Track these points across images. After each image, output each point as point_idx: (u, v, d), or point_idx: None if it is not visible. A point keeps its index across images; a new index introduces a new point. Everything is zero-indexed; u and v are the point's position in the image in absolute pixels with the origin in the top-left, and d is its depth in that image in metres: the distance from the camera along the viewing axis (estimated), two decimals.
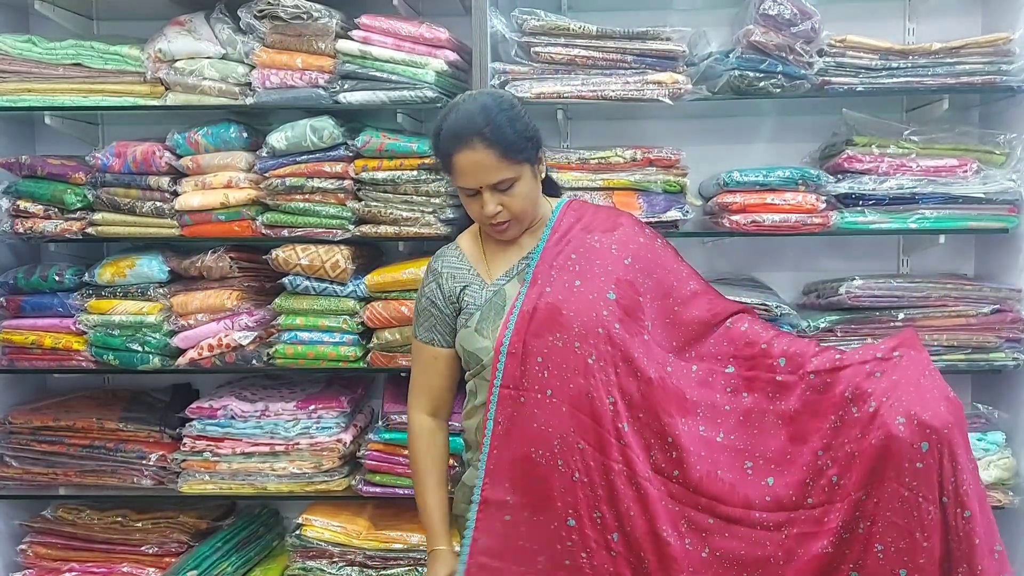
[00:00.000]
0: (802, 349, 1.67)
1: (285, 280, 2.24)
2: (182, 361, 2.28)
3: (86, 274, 2.31)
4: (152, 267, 2.28)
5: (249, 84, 2.22)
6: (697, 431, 1.62)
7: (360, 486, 2.25)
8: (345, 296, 2.23)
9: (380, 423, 2.25)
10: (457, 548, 1.66)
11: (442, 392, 1.78)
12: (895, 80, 2.18)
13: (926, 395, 1.54)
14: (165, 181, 2.26)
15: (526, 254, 1.73)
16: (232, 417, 2.27)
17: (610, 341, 1.59)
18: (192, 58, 2.22)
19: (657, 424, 1.61)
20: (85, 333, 2.30)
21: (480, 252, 1.76)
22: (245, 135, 2.26)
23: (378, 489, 2.24)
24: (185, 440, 2.29)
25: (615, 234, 1.72)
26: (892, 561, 1.51)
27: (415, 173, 2.19)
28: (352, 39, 2.18)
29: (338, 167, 2.21)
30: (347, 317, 2.23)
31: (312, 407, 2.27)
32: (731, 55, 2.18)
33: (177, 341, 2.28)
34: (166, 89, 2.26)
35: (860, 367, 1.61)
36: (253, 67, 2.21)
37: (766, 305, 2.17)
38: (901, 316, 2.20)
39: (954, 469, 1.50)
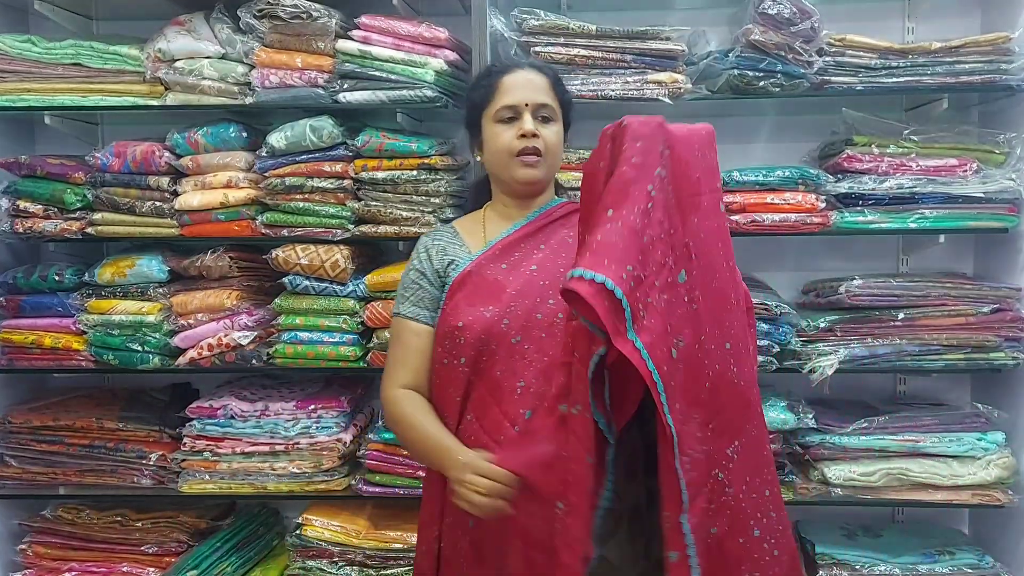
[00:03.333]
0: None
1: (285, 280, 2.24)
2: (182, 361, 2.28)
3: (86, 274, 2.30)
4: (152, 267, 2.28)
5: (249, 84, 2.22)
6: None
7: (360, 486, 2.25)
8: (345, 296, 2.23)
9: (380, 423, 2.25)
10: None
11: (422, 372, 1.68)
12: (894, 79, 2.18)
13: None
14: (165, 181, 2.26)
15: None
16: (232, 417, 2.27)
17: (545, 328, 1.56)
18: (191, 58, 2.22)
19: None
20: (85, 333, 2.30)
21: (480, 230, 1.74)
22: (245, 135, 2.26)
23: (378, 489, 2.24)
24: (185, 440, 2.28)
25: None
26: None
27: (415, 173, 2.19)
28: (352, 39, 2.18)
29: (338, 167, 2.21)
30: (347, 317, 2.23)
31: (312, 407, 2.27)
32: (730, 54, 2.18)
33: (177, 341, 2.28)
34: (165, 89, 2.26)
35: None
36: (252, 67, 2.21)
37: (766, 305, 2.17)
38: (901, 315, 2.20)
39: None
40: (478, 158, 1.77)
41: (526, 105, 1.66)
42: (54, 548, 2.38)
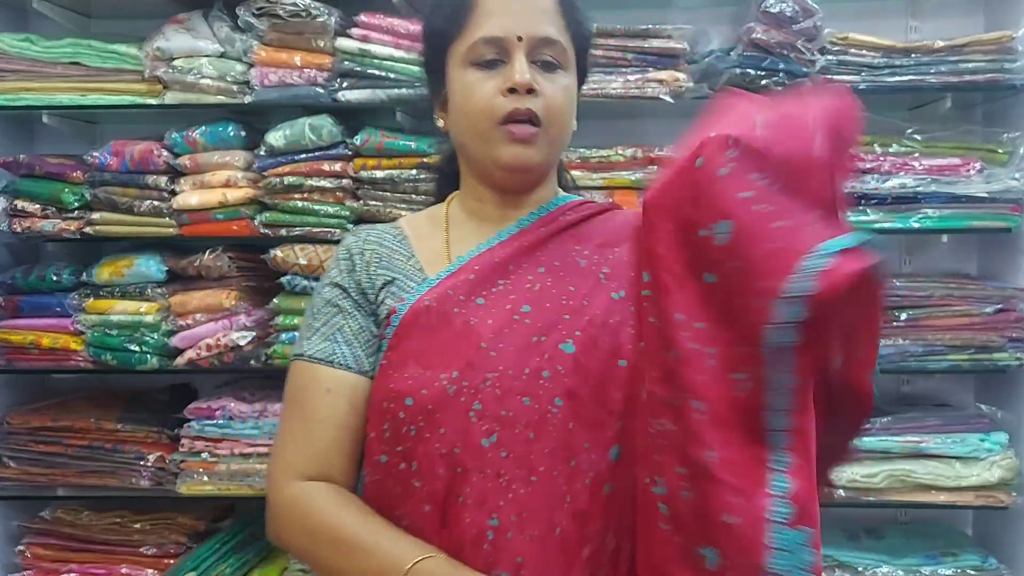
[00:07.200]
0: None
1: (284, 280, 2.23)
2: (180, 361, 2.27)
3: (84, 274, 2.29)
4: (150, 267, 2.27)
5: (247, 82, 2.21)
6: None
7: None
8: None
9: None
10: None
11: (334, 456, 1.02)
12: (897, 78, 2.17)
13: None
14: (163, 180, 2.25)
15: None
16: (230, 418, 2.25)
17: (534, 424, 0.95)
18: (190, 56, 2.21)
19: None
20: (83, 333, 2.28)
21: (440, 240, 1.11)
22: (243, 134, 2.25)
23: None
24: (183, 441, 2.27)
25: (615, 251, 1.07)
26: None
27: (414, 172, 2.18)
28: (351, 37, 2.17)
29: (337, 166, 2.20)
30: None
31: None
32: (733, 53, 2.17)
33: (175, 341, 2.27)
34: (164, 88, 2.25)
35: None
36: (251, 65, 2.20)
37: None
38: (904, 316, 2.19)
39: None
40: (440, 123, 1.13)
41: (519, 39, 1.01)
42: (53, 549, 2.37)
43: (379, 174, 2.19)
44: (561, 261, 1.06)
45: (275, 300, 2.25)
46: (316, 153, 2.20)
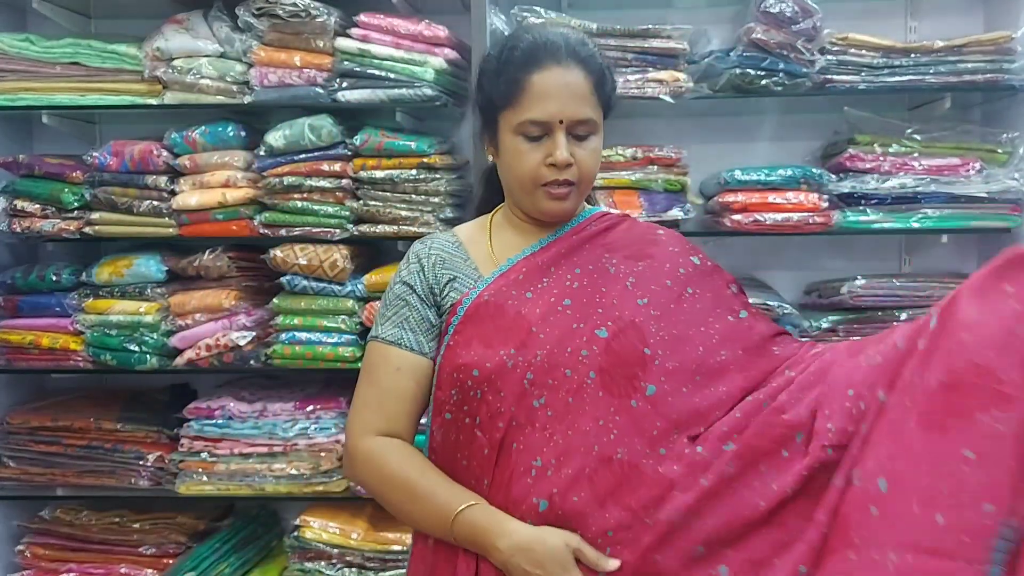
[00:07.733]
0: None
1: (283, 280, 2.23)
2: (180, 361, 2.27)
3: (83, 274, 2.29)
4: (150, 267, 2.27)
5: (247, 82, 2.21)
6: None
7: (358, 487, 2.24)
8: (343, 296, 2.22)
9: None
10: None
11: (402, 420, 1.30)
12: (897, 78, 2.17)
13: None
14: (163, 180, 2.25)
15: None
16: (230, 418, 2.25)
17: (572, 391, 1.22)
18: (190, 56, 2.21)
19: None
20: (83, 333, 2.28)
21: (486, 245, 1.38)
22: (243, 134, 2.25)
23: None
24: (183, 441, 2.27)
25: (639, 265, 1.33)
26: None
27: (414, 172, 2.18)
28: (351, 37, 2.17)
29: (336, 166, 2.20)
30: (346, 317, 2.22)
31: (310, 408, 2.26)
32: (732, 53, 2.17)
33: (175, 341, 2.27)
34: (164, 88, 2.25)
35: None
36: (251, 65, 2.20)
37: (767, 305, 2.16)
38: (903, 316, 2.19)
39: None
40: (490, 157, 1.39)
41: (560, 122, 1.27)
42: (53, 549, 2.37)
43: (379, 174, 2.19)
44: (594, 265, 1.33)
45: (275, 300, 2.25)
46: (316, 153, 2.20)
